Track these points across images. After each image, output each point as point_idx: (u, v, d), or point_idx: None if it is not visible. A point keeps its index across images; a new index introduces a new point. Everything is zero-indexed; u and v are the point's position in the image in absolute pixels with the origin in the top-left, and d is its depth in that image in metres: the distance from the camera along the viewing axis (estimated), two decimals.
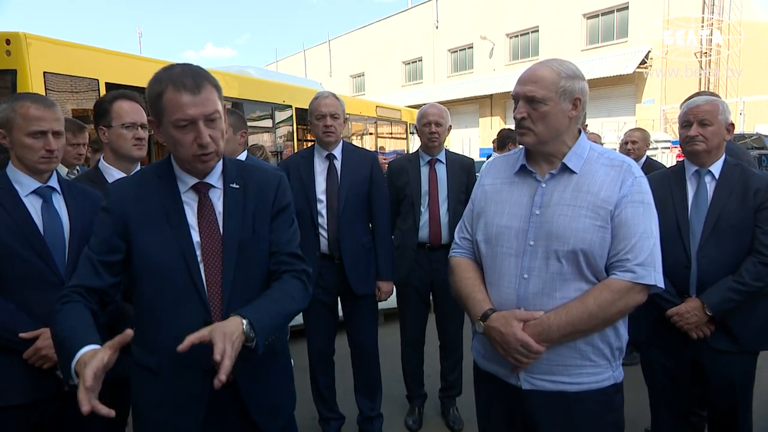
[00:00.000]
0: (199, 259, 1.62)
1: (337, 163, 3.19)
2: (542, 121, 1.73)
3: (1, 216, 1.86)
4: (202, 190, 1.66)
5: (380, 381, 3.47)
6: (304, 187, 3.14)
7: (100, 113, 2.37)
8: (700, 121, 2.40)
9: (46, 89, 5.95)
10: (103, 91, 6.52)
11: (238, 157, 3.01)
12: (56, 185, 2.04)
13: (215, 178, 1.69)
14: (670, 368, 2.52)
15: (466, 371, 3.66)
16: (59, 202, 2.03)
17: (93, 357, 1.31)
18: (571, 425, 1.73)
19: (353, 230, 3.15)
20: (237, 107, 8.77)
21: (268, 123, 10.41)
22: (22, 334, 1.84)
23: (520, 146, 1.87)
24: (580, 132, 1.81)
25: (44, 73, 6.04)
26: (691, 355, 2.44)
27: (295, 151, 10.82)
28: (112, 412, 1.26)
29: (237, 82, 9.41)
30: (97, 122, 2.37)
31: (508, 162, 1.92)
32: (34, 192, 1.96)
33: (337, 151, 3.20)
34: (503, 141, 5.78)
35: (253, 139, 9.41)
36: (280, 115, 10.82)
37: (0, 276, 1.85)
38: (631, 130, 5.14)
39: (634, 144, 4.87)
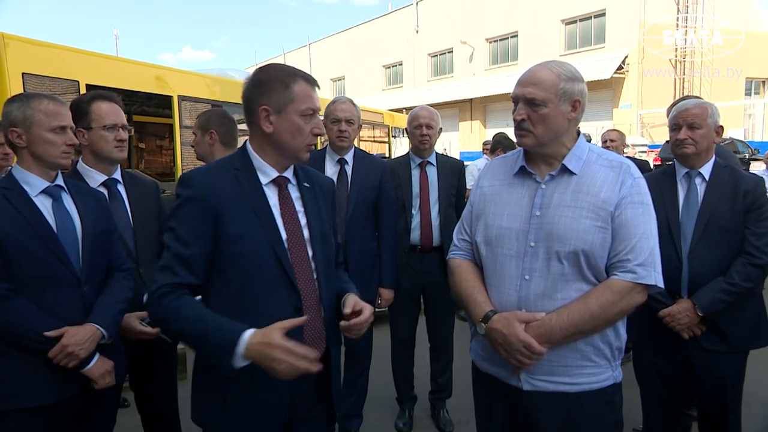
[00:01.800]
0: (286, 247, 1.68)
1: (348, 168, 3.19)
2: (542, 123, 1.73)
3: (14, 217, 1.84)
4: (282, 183, 1.74)
5: (367, 384, 3.46)
6: None
7: (78, 114, 2.28)
8: (689, 124, 2.43)
9: (24, 91, 5.82)
10: (83, 93, 6.40)
11: None
12: (63, 184, 2.02)
13: (290, 174, 1.78)
14: (662, 368, 2.55)
15: (457, 374, 3.67)
16: (68, 201, 2.01)
17: (274, 329, 1.47)
18: (572, 426, 1.73)
19: (360, 236, 3.14)
20: None
21: None
22: (47, 333, 1.82)
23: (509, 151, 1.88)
24: (578, 133, 1.82)
25: (23, 74, 5.90)
26: (682, 354, 2.47)
27: None
28: None
29: (219, 85, 9.31)
30: (75, 124, 2.26)
31: (507, 163, 1.92)
32: (44, 192, 1.94)
33: (349, 156, 3.21)
34: (495, 146, 5.91)
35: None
36: None
37: (18, 276, 1.83)
38: (608, 130, 5.37)
39: (613, 142, 5.07)
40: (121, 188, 2.38)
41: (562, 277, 1.69)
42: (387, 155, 15.12)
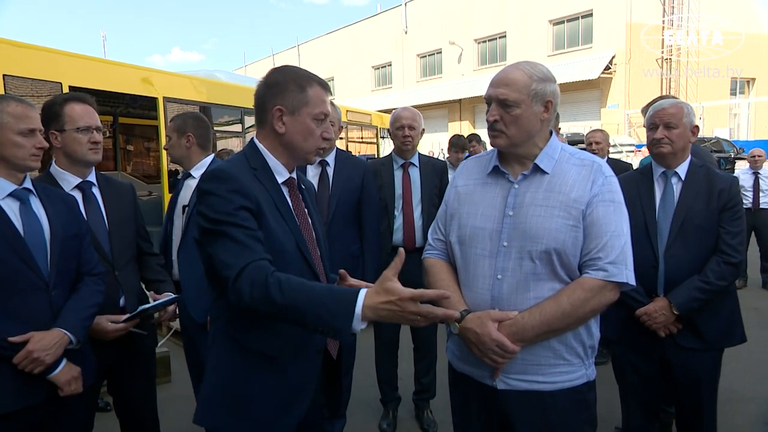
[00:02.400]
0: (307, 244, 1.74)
1: (330, 170, 3.16)
2: (514, 124, 1.74)
3: None
4: (292, 184, 1.79)
5: (350, 386, 3.45)
6: None
7: (50, 117, 2.25)
8: (665, 123, 2.45)
9: (6, 93, 5.77)
10: None
11: (203, 162, 2.87)
12: (31, 187, 1.99)
13: (295, 176, 1.82)
14: (639, 366, 2.57)
15: (440, 374, 3.67)
16: (36, 205, 1.98)
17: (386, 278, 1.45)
18: (545, 424, 1.74)
19: (342, 238, 3.11)
20: (205, 111, 8.64)
21: (237, 128, 10.29)
22: (11, 338, 1.79)
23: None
24: (551, 133, 1.83)
25: (4, 75, 5.85)
26: (659, 352, 2.50)
27: None
28: None
29: (205, 87, 9.28)
30: (48, 126, 2.24)
31: (481, 163, 1.93)
32: (11, 195, 1.91)
33: (330, 158, 3.18)
34: (450, 147, 5.99)
35: (221, 144, 9.29)
36: (250, 120, 10.70)
37: None
38: (592, 131, 5.25)
39: (598, 144, 5.00)
40: (96, 191, 2.35)
41: (534, 276, 1.70)
42: (375, 156, 15.14)
